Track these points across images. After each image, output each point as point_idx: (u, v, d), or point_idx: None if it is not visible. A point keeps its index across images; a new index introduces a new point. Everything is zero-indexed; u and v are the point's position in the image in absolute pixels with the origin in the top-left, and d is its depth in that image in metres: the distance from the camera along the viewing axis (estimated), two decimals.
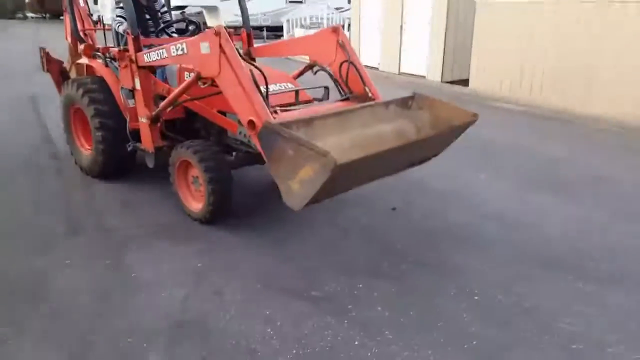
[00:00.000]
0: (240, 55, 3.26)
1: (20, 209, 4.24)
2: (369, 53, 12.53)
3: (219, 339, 2.61)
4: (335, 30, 3.78)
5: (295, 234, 3.77)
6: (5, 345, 2.56)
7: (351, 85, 3.76)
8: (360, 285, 3.09)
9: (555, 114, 7.96)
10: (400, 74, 11.79)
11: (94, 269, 3.28)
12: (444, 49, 10.56)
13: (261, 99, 3.09)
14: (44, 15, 38.79)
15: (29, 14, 41.30)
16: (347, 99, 3.74)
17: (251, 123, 3.02)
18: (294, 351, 2.51)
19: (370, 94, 3.69)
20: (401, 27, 11.54)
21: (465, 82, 10.16)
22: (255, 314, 2.82)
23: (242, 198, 4.30)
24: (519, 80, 8.84)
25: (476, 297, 2.97)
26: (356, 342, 2.58)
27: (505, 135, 6.83)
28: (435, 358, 2.46)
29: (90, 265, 3.33)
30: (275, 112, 3.24)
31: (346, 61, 3.71)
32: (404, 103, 3.62)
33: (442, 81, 10.69)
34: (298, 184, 2.74)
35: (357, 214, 4.11)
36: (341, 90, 3.85)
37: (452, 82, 10.61)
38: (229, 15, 14.61)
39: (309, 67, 4.11)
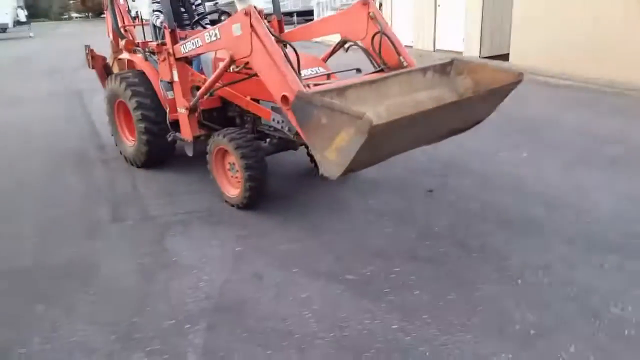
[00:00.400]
0: (272, 34, 3.24)
1: (70, 197, 4.46)
2: (402, 31, 12.17)
3: (258, 321, 2.66)
4: (366, 3, 3.67)
5: (330, 219, 3.77)
6: (58, 325, 2.71)
7: (385, 57, 3.66)
8: (397, 269, 3.06)
9: (604, 87, 7.50)
10: (435, 51, 11.48)
11: (139, 254, 3.41)
12: (482, 22, 10.16)
13: (293, 73, 3.06)
14: (87, 14, 40.38)
15: (74, 14, 43.09)
16: (381, 71, 3.65)
17: (284, 99, 2.99)
18: (332, 334, 2.52)
19: (405, 64, 3.59)
20: (435, 1, 11.18)
21: (505, 57, 9.77)
22: (292, 297, 2.85)
23: (277, 184, 4.34)
24: (564, 51, 8.31)
25: (519, 281, 2.88)
26: (394, 326, 2.56)
27: (549, 110, 6.54)
28: (475, 342, 2.41)
29: (135, 251, 3.47)
30: (308, 86, 3.20)
31: (378, 32, 3.62)
32: (443, 69, 3.49)
33: (480, 56, 10.35)
34: (334, 152, 2.68)
35: (392, 198, 4.06)
36: (375, 64, 3.75)
37: (491, 57, 10.25)
38: (260, 2, 14.68)
39: (341, 44, 4.02)
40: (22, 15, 20.57)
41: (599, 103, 6.85)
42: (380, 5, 13.19)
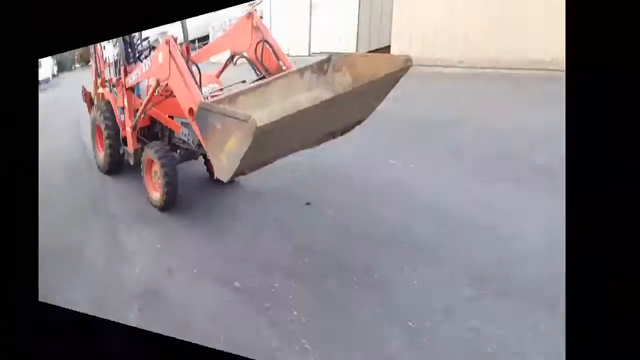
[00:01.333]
0: (184, 57, 3.62)
1: (65, 194, 5.46)
2: (280, 39, 11.52)
3: (169, 310, 3.11)
4: (250, 15, 3.84)
5: (228, 225, 4.04)
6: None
7: (266, 63, 3.80)
8: (277, 285, 3.08)
9: (502, 69, 6.78)
10: (310, 55, 10.67)
11: (105, 243, 4.12)
12: (359, 14, 9.52)
13: (198, 89, 3.42)
14: (82, 64, 44.95)
15: (76, 65, 47.97)
16: (262, 78, 3.74)
17: (191, 111, 3.32)
18: (223, 337, 2.73)
19: (284, 67, 3.68)
20: (310, 2, 10.62)
21: (387, 50, 8.67)
22: (194, 294, 3.22)
23: (185, 190, 4.70)
24: (454, 34, 7.22)
25: (410, 324, 2.54)
26: (273, 345, 2.56)
27: (440, 106, 5.86)
28: None
29: (104, 240, 4.19)
30: (207, 98, 3.53)
31: (260, 41, 3.78)
32: (320, 68, 3.33)
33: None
34: (225, 156, 2.87)
35: (274, 209, 4.10)
36: (257, 72, 3.88)
37: (370, 52, 9.18)
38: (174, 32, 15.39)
39: (230, 59, 4.29)
40: (55, 69, 25.05)
41: (496, 90, 6.16)
42: (261, 17, 13.07)
